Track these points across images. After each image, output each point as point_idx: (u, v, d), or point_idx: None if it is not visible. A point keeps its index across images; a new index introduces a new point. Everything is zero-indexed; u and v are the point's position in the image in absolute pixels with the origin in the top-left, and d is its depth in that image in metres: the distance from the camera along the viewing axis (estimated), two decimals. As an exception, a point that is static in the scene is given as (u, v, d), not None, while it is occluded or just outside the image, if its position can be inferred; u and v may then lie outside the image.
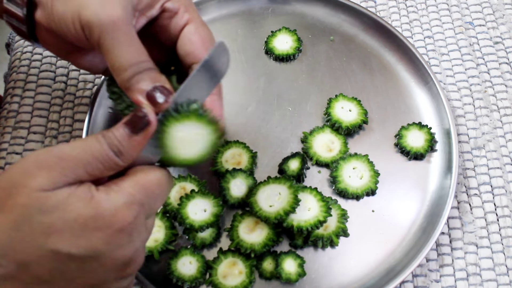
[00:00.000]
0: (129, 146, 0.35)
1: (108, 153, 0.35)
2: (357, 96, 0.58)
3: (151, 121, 0.36)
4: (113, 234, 0.35)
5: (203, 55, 0.43)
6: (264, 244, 0.50)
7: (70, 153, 0.35)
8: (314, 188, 0.52)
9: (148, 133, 0.36)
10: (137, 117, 0.36)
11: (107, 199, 0.35)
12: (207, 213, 0.50)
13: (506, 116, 0.60)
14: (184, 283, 0.49)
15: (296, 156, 0.55)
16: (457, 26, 0.66)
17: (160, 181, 0.37)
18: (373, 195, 0.54)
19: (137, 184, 0.36)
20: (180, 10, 0.44)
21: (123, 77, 0.38)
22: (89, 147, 0.35)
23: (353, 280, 0.51)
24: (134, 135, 0.35)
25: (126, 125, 0.36)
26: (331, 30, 0.64)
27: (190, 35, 0.44)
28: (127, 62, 0.39)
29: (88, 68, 0.48)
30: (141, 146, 0.36)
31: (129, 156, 0.36)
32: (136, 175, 0.37)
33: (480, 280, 0.52)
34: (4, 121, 0.59)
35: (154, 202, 0.37)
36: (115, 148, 0.35)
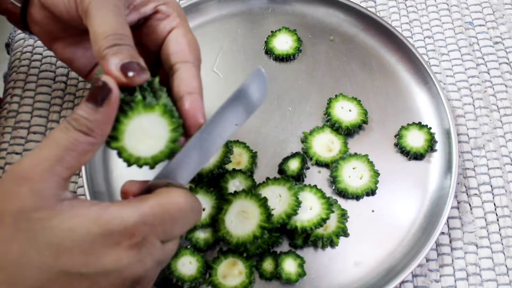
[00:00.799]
0: (97, 121, 0.34)
1: (76, 137, 0.34)
2: (357, 96, 0.58)
3: (111, 88, 0.34)
4: (121, 252, 0.34)
5: (188, 56, 0.43)
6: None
7: (40, 157, 0.34)
8: (313, 186, 0.52)
9: (112, 102, 0.34)
10: (97, 88, 0.34)
11: (118, 215, 0.34)
12: (205, 212, 0.50)
13: (506, 116, 0.60)
14: (184, 283, 0.49)
15: (296, 156, 0.55)
16: (457, 26, 0.66)
17: (181, 206, 0.36)
18: (373, 195, 0.54)
19: (157, 204, 0.35)
20: (173, 15, 0.44)
21: (102, 44, 0.37)
22: (55, 140, 0.34)
23: (353, 280, 0.51)
24: (99, 107, 0.34)
25: (88, 100, 0.34)
26: (331, 30, 0.64)
27: (177, 37, 0.44)
28: (110, 31, 0.38)
29: (70, 59, 0.48)
30: (110, 117, 0.35)
31: (101, 131, 0.35)
32: (159, 195, 0.36)
33: (480, 280, 0.52)
34: (4, 121, 0.59)
35: (171, 226, 0.36)
36: (84, 127, 0.34)
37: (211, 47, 0.62)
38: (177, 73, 0.42)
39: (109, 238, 0.34)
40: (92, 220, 0.33)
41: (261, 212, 0.48)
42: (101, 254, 0.33)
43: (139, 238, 0.34)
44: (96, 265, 0.33)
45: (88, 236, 0.33)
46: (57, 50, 0.48)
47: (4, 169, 0.56)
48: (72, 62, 0.48)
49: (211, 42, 0.62)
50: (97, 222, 0.34)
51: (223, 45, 0.62)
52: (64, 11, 0.42)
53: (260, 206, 0.48)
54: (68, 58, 0.48)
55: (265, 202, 0.48)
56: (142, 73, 0.37)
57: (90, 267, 0.33)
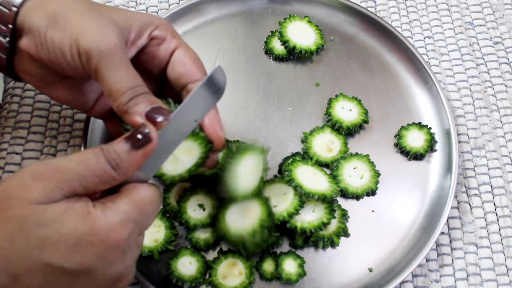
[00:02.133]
0: (127, 161, 0.36)
1: (104, 166, 0.35)
2: (357, 96, 0.58)
3: (152, 138, 0.36)
4: (107, 251, 0.35)
5: (197, 75, 0.45)
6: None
7: (65, 166, 0.35)
8: None
9: (148, 150, 0.36)
10: (139, 133, 0.36)
11: (103, 216, 0.35)
12: (205, 212, 0.50)
13: (506, 116, 0.60)
14: (184, 283, 0.49)
15: (296, 156, 0.55)
16: (457, 26, 0.66)
17: (152, 199, 0.38)
18: (373, 195, 0.54)
19: (131, 202, 0.37)
20: (168, 37, 0.45)
21: (121, 101, 0.39)
22: (85, 160, 0.35)
23: (353, 280, 0.51)
24: (134, 151, 0.36)
25: (127, 140, 0.36)
26: (331, 30, 0.64)
27: (181, 57, 0.45)
28: (125, 87, 0.39)
29: (69, 101, 0.48)
30: (139, 163, 0.37)
31: (126, 171, 0.36)
32: (130, 192, 0.37)
33: (480, 280, 0.52)
34: (4, 121, 0.59)
35: (147, 220, 0.38)
36: (113, 162, 0.36)
37: (211, 47, 0.62)
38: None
39: (95, 236, 0.35)
40: (80, 217, 0.35)
41: (262, 211, 0.48)
42: (86, 251, 0.34)
43: (126, 236, 0.36)
44: (80, 262, 0.34)
45: (75, 232, 0.34)
46: (52, 95, 0.47)
47: (4, 169, 0.56)
48: (71, 103, 0.48)
49: (211, 42, 0.62)
50: (84, 220, 0.35)
51: (223, 45, 0.62)
52: (67, 67, 0.42)
53: (262, 205, 0.48)
54: (66, 100, 0.47)
55: (267, 201, 0.48)
56: (168, 114, 0.38)
57: (74, 263, 0.34)
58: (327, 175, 0.52)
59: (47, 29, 0.41)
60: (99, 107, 0.49)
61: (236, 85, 0.60)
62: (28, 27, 0.42)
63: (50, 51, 0.42)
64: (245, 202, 0.48)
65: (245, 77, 0.61)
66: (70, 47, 0.41)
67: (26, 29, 0.43)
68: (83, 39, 0.40)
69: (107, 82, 0.40)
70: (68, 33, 0.41)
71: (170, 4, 0.67)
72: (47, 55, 0.42)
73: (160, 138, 0.38)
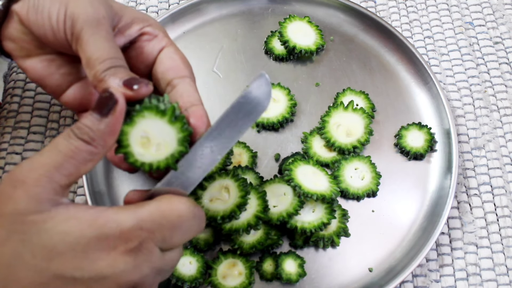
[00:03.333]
0: (101, 131, 0.34)
1: (77, 144, 0.34)
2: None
3: (117, 100, 0.34)
4: (116, 257, 0.33)
5: (184, 71, 0.43)
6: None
7: (38, 161, 0.33)
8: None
9: (117, 113, 0.34)
10: (103, 98, 0.34)
11: (114, 219, 0.34)
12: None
13: (506, 116, 0.60)
14: (184, 283, 0.49)
15: (296, 156, 0.55)
16: (457, 26, 0.66)
17: (181, 212, 0.36)
18: (374, 197, 0.54)
19: (155, 210, 0.35)
20: (159, 35, 0.45)
21: (99, 68, 0.38)
22: (56, 147, 0.34)
23: (353, 280, 0.51)
24: (103, 117, 0.34)
25: (93, 110, 0.34)
26: (331, 30, 0.64)
27: (170, 53, 0.44)
28: (105, 55, 0.38)
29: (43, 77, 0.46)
30: (114, 129, 0.35)
31: (103, 141, 0.34)
32: (159, 201, 0.36)
33: (480, 280, 0.52)
34: (4, 121, 0.59)
35: (171, 233, 0.36)
36: (85, 136, 0.34)
37: (211, 47, 0.62)
38: (177, 88, 0.42)
39: (104, 242, 0.33)
40: (87, 223, 0.33)
41: (258, 204, 0.48)
42: (95, 258, 0.33)
43: (136, 243, 0.34)
44: (90, 270, 0.33)
45: (83, 239, 0.33)
46: (29, 67, 0.46)
47: (4, 169, 0.56)
48: (45, 79, 0.46)
49: (211, 42, 0.62)
50: (92, 225, 0.33)
51: (223, 45, 0.62)
52: (49, 33, 0.42)
53: (258, 198, 0.48)
54: (40, 75, 0.46)
55: (264, 195, 0.48)
56: (146, 85, 0.37)
57: (84, 271, 0.33)
58: (328, 175, 0.52)
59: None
60: (72, 93, 0.47)
61: (236, 85, 0.60)
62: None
63: (39, 11, 0.42)
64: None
65: (245, 77, 0.61)
66: (58, 9, 0.41)
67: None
68: (73, 4, 0.40)
69: (88, 49, 0.39)
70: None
71: (170, 4, 0.67)
72: (34, 16, 0.42)
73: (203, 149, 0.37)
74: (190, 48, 0.62)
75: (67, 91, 0.47)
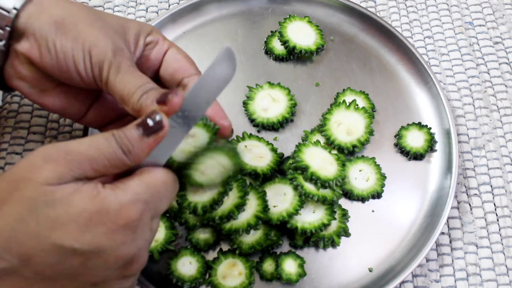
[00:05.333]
0: (138, 148, 0.36)
1: (116, 151, 0.36)
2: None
3: (164, 126, 0.36)
4: (117, 230, 0.35)
5: (191, 70, 0.46)
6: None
7: (76, 148, 0.35)
8: None
9: (159, 137, 0.37)
10: (151, 120, 0.36)
11: (113, 195, 0.35)
12: None
13: (506, 116, 0.60)
14: (184, 283, 0.49)
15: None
16: (457, 26, 0.66)
17: (165, 180, 0.38)
18: (379, 198, 0.54)
19: (143, 182, 0.37)
20: (160, 40, 0.47)
21: (133, 100, 0.40)
22: (97, 144, 0.36)
23: (353, 280, 0.51)
24: (145, 137, 0.36)
25: (138, 126, 0.36)
26: (331, 30, 0.64)
27: (174, 55, 0.46)
28: (135, 86, 0.40)
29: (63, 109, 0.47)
30: (150, 149, 0.37)
31: (137, 156, 0.37)
32: (142, 174, 0.38)
33: (480, 280, 0.52)
34: (4, 121, 0.59)
35: (160, 202, 0.38)
36: (125, 147, 0.36)
37: (211, 47, 0.62)
38: (188, 86, 0.45)
39: (105, 216, 0.35)
40: (89, 198, 0.35)
41: (258, 204, 0.48)
42: (96, 231, 0.34)
43: (136, 215, 0.36)
44: (91, 242, 0.34)
45: (85, 212, 0.34)
46: (48, 102, 0.47)
47: (4, 169, 0.56)
48: (65, 110, 0.48)
49: (211, 42, 0.62)
50: (93, 200, 0.35)
51: (223, 45, 0.62)
52: (76, 77, 0.43)
53: (258, 198, 0.49)
54: (60, 108, 0.47)
55: (264, 195, 0.49)
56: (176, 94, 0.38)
57: (84, 244, 0.34)
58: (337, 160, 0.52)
59: (57, 36, 0.42)
60: (92, 114, 0.48)
61: (236, 85, 0.60)
62: (32, 31, 0.42)
63: (60, 58, 0.42)
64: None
65: (245, 77, 0.61)
66: (83, 58, 0.42)
67: (29, 33, 0.43)
68: (96, 50, 0.41)
69: (118, 88, 0.41)
70: (81, 43, 0.42)
71: (170, 4, 0.67)
72: (54, 62, 0.42)
73: (172, 123, 0.38)
74: (190, 48, 0.62)
75: (87, 114, 0.48)
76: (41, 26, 0.42)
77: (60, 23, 0.42)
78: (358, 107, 0.56)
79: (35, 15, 0.43)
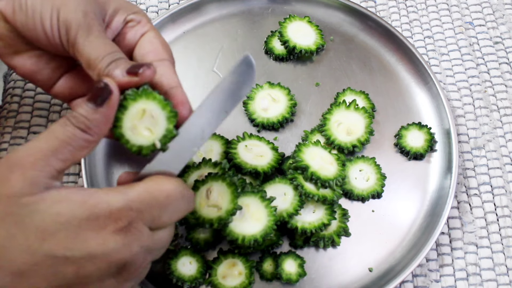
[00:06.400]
0: (96, 120, 0.35)
1: (73, 132, 0.35)
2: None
3: (112, 90, 0.36)
4: (106, 236, 0.34)
5: (163, 55, 0.44)
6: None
7: (35, 146, 0.35)
8: None
9: (111, 103, 0.36)
10: (98, 89, 0.36)
11: (104, 200, 0.35)
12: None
13: (506, 116, 0.60)
14: (184, 283, 0.49)
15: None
16: (457, 26, 0.66)
17: (170, 192, 0.37)
18: (379, 198, 0.54)
19: (144, 190, 0.36)
20: (143, 21, 0.45)
21: (101, 66, 0.39)
22: (54, 134, 0.35)
23: (353, 280, 0.51)
24: (98, 107, 0.35)
25: (88, 100, 0.36)
26: (331, 30, 0.64)
27: (150, 38, 0.45)
28: (103, 52, 0.39)
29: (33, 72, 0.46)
30: (108, 118, 0.36)
31: (99, 130, 0.36)
32: (147, 182, 0.37)
33: (480, 280, 0.52)
34: (4, 121, 0.59)
35: (159, 213, 0.37)
36: (82, 125, 0.35)
37: (211, 47, 0.62)
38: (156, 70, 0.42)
39: (94, 222, 0.34)
40: (78, 204, 0.34)
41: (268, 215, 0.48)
42: (86, 237, 0.34)
43: (125, 222, 0.35)
44: (82, 249, 0.34)
45: (74, 220, 0.34)
46: (18, 64, 0.46)
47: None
48: (35, 75, 0.47)
49: (211, 42, 0.62)
50: (82, 206, 0.34)
51: (223, 45, 0.62)
52: (42, 37, 0.42)
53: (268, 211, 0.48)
54: (30, 71, 0.46)
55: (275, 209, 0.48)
56: (149, 67, 0.38)
57: (75, 251, 0.34)
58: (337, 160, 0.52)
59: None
60: (62, 84, 0.47)
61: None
62: None
63: (29, 15, 0.42)
64: (245, 198, 0.48)
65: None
66: (50, 15, 0.41)
67: None
68: (65, 9, 0.40)
69: (85, 51, 0.40)
70: (50, 2, 0.41)
71: (170, 4, 0.67)
72: (24, 19, 0.42)
73: (186, 131, 0.38)
74: (190, 48, 0.62)
75: (57, 83, 0.47)
76: None
77: None
78: (358, 107, 0.56)
79: None
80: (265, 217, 0.48)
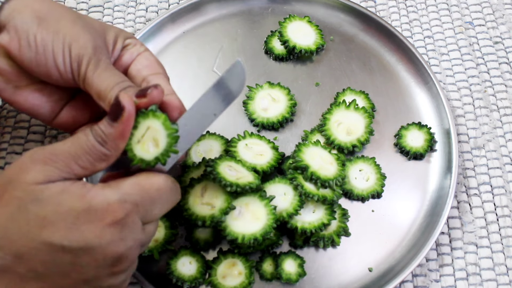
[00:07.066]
0: (111, 135, 0.37)
1: (93, 143, 0.37)
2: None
3: (124, 107, 0.37)
4: (104, 228, 0.36)
5: (158, 69, 0.46)
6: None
7: (61, 148, 0.37)
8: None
9: (125, 119, 0.37)
10: (113, 106, 0.37)
11: (101, 194, 0.36)
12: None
13: (506, 116, 0.60)
14: (184, 283, 0.49)
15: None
16: (457, 26, 0.66)
17: (160, 186, 0.39)
18: (379, 198, 0.54)
19: (135, 184, 0.38)
20: (138, 43, 0.47)
21: (111, 95, 0.40)
22: (78, 141, 0.37)
23: (353, 280, 0.51)
24: (113, 123, 0.37)
25: (107, 116, 0.37)
26: (331, 30, 0.64)
27: (147, 56, 0.47)
28: (112, 83, 0.41)
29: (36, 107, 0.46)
30: (122, 135, 0.37)
31: (115, 145, 0.37)
32: (138, 177, 0.38)
33: (480, 280, 0.52)
34: (4, 121, 0.59)
35: (151, 206, 0.39)
36: (99, 137, 0.37)
37: (211, 47, 0.62)
38: (151, 82, 0.45)
39: (92, 214, 0.36)
40: (77, 197, 0.36)
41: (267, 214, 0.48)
42: (84, 229, 0.35)
43: (122, 214, 0.36)
44: (79, 240, 0.35)
45: (73, 211, 0.35)
46: (19, 98, 0.46)
47: (4, 169, 0.56)
48: (37, 108, 0.46)
49: (211, 42, 0.62)
50: (82, 199, 0.36)
51: (223, 45, 0.62)
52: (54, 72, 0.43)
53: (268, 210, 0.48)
54: (32, 105, 0.46)
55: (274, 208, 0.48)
56: (156, 88, 0.39)
57: (73, 241, 0.35)
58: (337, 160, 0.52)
59: (38, 29, 0.42)
60: (64, 115, 0.47)
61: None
62: (13, 24, 0.43)
63: (39, 51, 0.42)
64: (247, 199, 0.49)
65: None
66: (63, 51, 0.42)
67: (10, 26, 0.43)
68: (76, 45, 0.42)
69: (95, 84, 0.41)
70: (62, 37, 0.42)
71: (170, 4, 0.67)
72: (33, 55, 0.43)
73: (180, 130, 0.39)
74: (190, 48, 0.62)
75: (59, 115, 0.48)
76: (23, 19, 0.43)
77: (42, 18, 0.43)
78: (358, 107, 0.56)
79: (18, 8, 0.43)
80: (264, 216, 0.48)
